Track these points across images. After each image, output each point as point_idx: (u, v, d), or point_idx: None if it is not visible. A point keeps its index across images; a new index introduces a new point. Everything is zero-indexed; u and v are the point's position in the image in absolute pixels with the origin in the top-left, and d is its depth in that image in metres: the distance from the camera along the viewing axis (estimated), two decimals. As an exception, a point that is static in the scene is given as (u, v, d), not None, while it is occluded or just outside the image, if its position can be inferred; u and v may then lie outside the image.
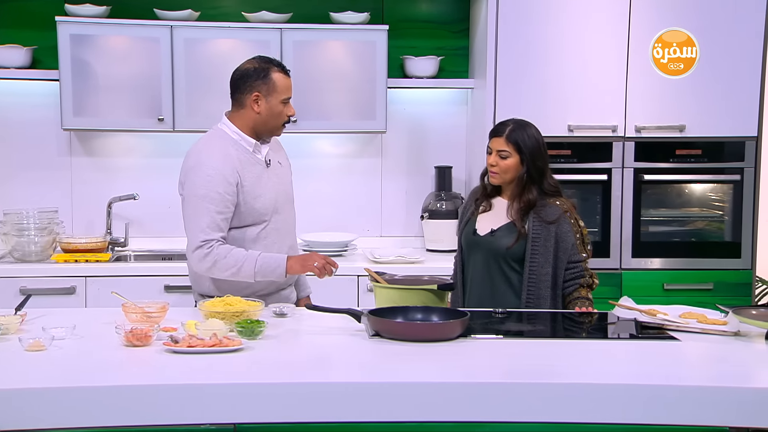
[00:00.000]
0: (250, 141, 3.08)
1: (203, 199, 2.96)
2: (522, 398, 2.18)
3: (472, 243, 3.21)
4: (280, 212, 3.14)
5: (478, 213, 3.23)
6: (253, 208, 3.04)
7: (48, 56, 4.41)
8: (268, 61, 3.10)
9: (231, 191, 2.99)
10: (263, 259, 2.97)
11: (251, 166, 3.06)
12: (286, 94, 3.07)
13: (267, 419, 2.15)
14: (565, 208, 3.15)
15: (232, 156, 3.03)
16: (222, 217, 2.98)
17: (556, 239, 3.10)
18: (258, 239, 3.07)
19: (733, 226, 4.33)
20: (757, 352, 2.58)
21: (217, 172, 2.97)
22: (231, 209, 3.00)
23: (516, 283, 3.13)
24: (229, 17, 4.52)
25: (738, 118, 4.22)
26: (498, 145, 3.13)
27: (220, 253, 2.95)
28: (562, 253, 3.11)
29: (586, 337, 2.87)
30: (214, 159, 3.00)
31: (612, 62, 4.19)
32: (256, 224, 3.07)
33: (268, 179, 3.10)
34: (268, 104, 3.05)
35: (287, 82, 3.08)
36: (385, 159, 4.76)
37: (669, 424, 2.18)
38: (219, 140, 3.07)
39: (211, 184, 2.96)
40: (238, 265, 2.95)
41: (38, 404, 2.10)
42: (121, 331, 2.50)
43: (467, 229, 3.24)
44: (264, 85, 3.04)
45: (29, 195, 4.53)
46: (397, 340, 2.56)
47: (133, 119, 4.30)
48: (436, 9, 4.71)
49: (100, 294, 4.00)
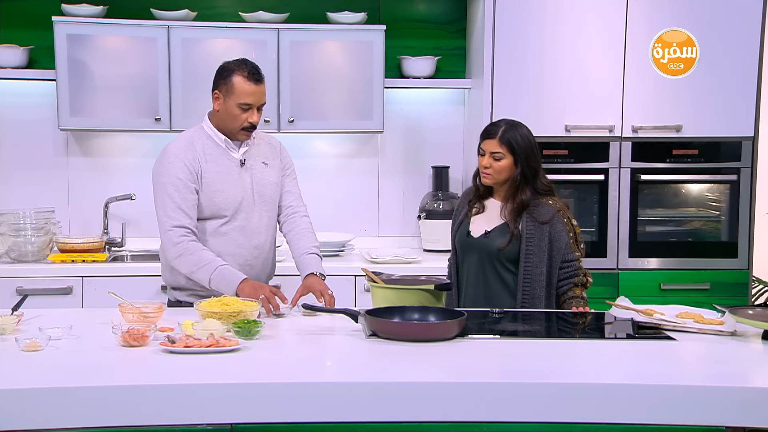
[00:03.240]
0: (220, 137, 3.13)
1: (165, 185, 3.05)
2: (518, 398, 2.18)
3: (465, 245, 3.21)
4: (248, 212, 3.14)
5: (472, 215, 3.23)
6: (213, 201, 3.08)
7: (45, 56, 4.41)
8: (240, 63, 3.09)
9: (192, 179, 3.05)
10: (221, 271, 2.99)
11: (218, 159, 3.11)
12: (244, 99, 3.05)
13: (264, 419, 2.15)
14: (557, 208, 3.14)
15: (197, 147, 3.09)
16: (185, 204, 3.04)
17: (550, 239, 3.10)
18: (217, 234, 3.10)
19: (729, 226, 4.34)
20: (753, 352, 2.58)
21: (177, 159, 3.05)
22: (194, 197, 3.06)
23: (511, 284, 3.13)
24: (225, 17, 4.52)
25: (734, 118, 4.23)
26: (491, 146, 3.12)
27: (189, 248, 3.02)
28: (556, 253, 3.11)
29: (583, 337, 2.87)
30: (177, 147, 3.09)
31: (609, 62, 4.19)
32: (215, 218, 3.10)
33: (238, 177, 3.12)
34: (225, 105, 3.08)
35: (249, 88, 3.04)
36: (382, 159, 4.76)
37: (666, 424, 2.18)
38: (192, 133, 3.17)
39: (173, 173, 3.04)
40: (198, 266, 3.01)
41: (35, 405, 2.10)
42: (117, 332, 2.49)
43: (461, 231, 3.24)
44: (224, 85, 3.07)
45: (26, 195, 4.53)
46: (394, 340, 2.56)
47: (129, 119, 4.30)
48: (433, 9, 4.71)
49: (96, 294, 3.99)
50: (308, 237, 3.28)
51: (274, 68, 4.30)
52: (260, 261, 3.21)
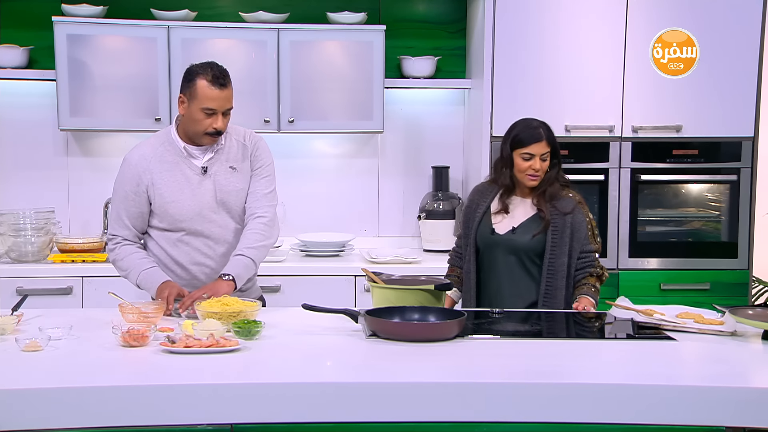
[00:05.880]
0: (180, 144, 3.05)
1: (115, 193, 3.10)
2: (519, 398, 2.18)
3: (491, 242, 3.20)
4: (206, 221, 3.06)
5: (492, 213, 3.23)
6: (167, 212, 3.04)
7: (45, 56, 4.41)
8: (204, 67, 3.00)
9: (139, 191, 3.03)
10: (146, 274, 3.02)
11: (175, 169, 3.04)
12: (207, 104, 2.95)
13: (264, 419, 2.15)
14: (577, 199, 3.22)
15: (154, 157, 3.04)
16: (127, 215, 3.05)
17: (572, 229, 3.15)
18: (179, 244, 3.07)
19: (729, 226, 4.34)
20: (753, 352, 2.58)
21: (128, 170, 3.06)
22: (141, 209, 3.05)
23: (536, 277, 3.16)
24: (225, 17, 4.51)
25: (734, 118, 4.23)
26: (540, 149, 3.14)
27: (120, 253, 3.06)
28: (576, 243, 3.16)
29: (582, 338, 2.87)
30: (133, 158, 3.08)
31: (609, 62, 4.19)
32: (173, 230, 3.06)
33: (197, 186, 3.04)
34: (189, 110, 2.99)
35: (212, 92, 2.95)
36: (382, 159, 4.76)
37: (666, 424, 2.18)
38: (156, 139, 3.12)
39: (122, 182, 3.06)
40: (126, 271, 3.07)
41: (35, 405, 2.10)
42: (117, 332, 2.50)
43: (482, 229, 3.22)
44: (188, 89, 2.99)
45: (26, 195, 4.53)
46: (394, 340, 2.56)
47: (129, 119, 4.30)
48: (433, 9, 4.71)
49: (96, 294, 3.99)
50: (247, 238, 3.05)
51: (274, 68, 4.30)
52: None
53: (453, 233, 4.53)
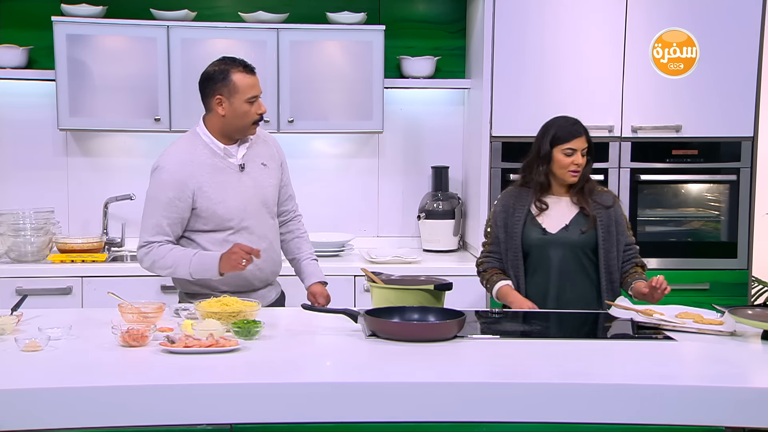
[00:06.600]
0: (219, 146, 3.07)
1: (153, 201, 3.03)
2: (518, 398, 2.18)
3: (543, 242, 3.19)
4: (253, 216, 3.10)
5: (536, 214, 3.21)
6: (215, 213, 3.04)
7: (44, 56, 4.41)
8: (230, 61, 3.06)
9: (184, 197, 3.01)
10: (198, 258, 2.99)
11: (217, 170, 3.06)
12: (250, 92, 3.03)
13: (264, 419, 2.15)
14: (613, 194, 3.29)
15: (195, 161, 3.04)
16: (168, 222, 3.02)
17: (615, 223, 3.20)
18: (224, 243, 3.05)
19: (729, 226, 4.34)
20: (753, 352, 2.58)
21: (170, 176, 3.01)
22: (181, 215, 3.03)
23: (592, 273, 3.20)
24: (225, 17, 4.51)
25: (734, 119, 4.23)
26: (582, 144, 3.18)
27: (158, 253, 3.01)
28: (621, 236, 3.22)
29: (582, 338, 2.87)
30: (172, 164, 3.03)
31: (609, 62, 4.19)
32: (221, 230, 3.06)
33: (238, 183, 3.08)
34: (231, 106, 3.02)
35: (250, 80, 3.03)
36: (381, 159, 4.76)
37: (665, 424, 2.18)
38: (187, 143, 3.09)
39: (163, 188, 3.01)
40: (173, 266, 3.01)
41: (34, 405, 2.10)
42: (117, 332, 2.49)
43: (532, 231, 3.20)
44: (225, 87, 3.02)
45: (25, 195, 4.52)
46: (394, 340, 2.56)
47: (129, 119, 4.30)
48: (433, 9, 4.71)
49: (96, 294, 3.99)
50: (307, 242, 3.37)
51: (274, 68, 4.29)
52: (269, 263, 3.17)
53: (452, 233, 4.53)
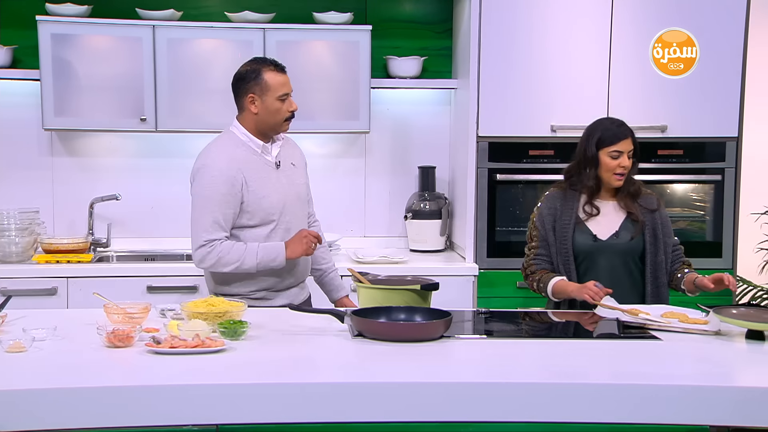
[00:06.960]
0: (257, 143, 3.15)
1: (207, 199, 3.06)
2: (504, 398, 2.19)
3: (593, 249, 3.18)
4: (290, 212, 3.18)
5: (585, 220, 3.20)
6: (260, 207, 3.11)
7: (29, 56, 4.38)
8: (261, 61, 3.18)
9: (235, 192, 3.06)
10: (264, 250, 3.06)
11: (258, 167, 3.13)
12: (282, 90, 3.12)
13: (250, 420, 2.15)
14: (657, 196, 3.28)
15: (239, 158, 3.10)
16: (224, 218, 3.07)
17: (661, 225, 3.20)
18: (269, 238, 3.12)
19: (714, 225, 4.36)
20: (737, 352, 2.60)
21: (221, 173, 3.06)
22: (234, 210, 3.08)
23: (638, 278, 3.19)
24: (211, 17, 4.50)
25: (719, 119, 4.25)
26: (628, 146, 3.17)
27: (223, 249, 3.05)
28: (667, 238, 3.21)
29: (568, 337, 2.88)
30: (220, 161, 3.08)
31: (595, 62, 4.20)
32: (264, 224, 3.12)
33: (276, 180, 3.16)
34: (264, 104, 3.11)
35: (281, 78, 3.14)
36: (368, 159, 4.76)
37: (650, 423, 2.19)
38: (228, 142, 3.15)
39: (215, 185, 3.05)
40: (240, 259, 3.05)
41: (18, 406, 2.09)
42: (102, 332, 2.48)
43: (582, 237, 3.18)
44: (257, 85, 3.10)
45: (10, 195, 4.49)
46: (381, 340, 2.56)
47: (115, 119, 4.28)
48: (420, 9, 4.71)
49: (81, 295, 3.97)
50: (328, 251, 3.48)
51: (260, 68, 4.28)
52: (302, 259, 3.23)
53: (439, 233, 4.53)
